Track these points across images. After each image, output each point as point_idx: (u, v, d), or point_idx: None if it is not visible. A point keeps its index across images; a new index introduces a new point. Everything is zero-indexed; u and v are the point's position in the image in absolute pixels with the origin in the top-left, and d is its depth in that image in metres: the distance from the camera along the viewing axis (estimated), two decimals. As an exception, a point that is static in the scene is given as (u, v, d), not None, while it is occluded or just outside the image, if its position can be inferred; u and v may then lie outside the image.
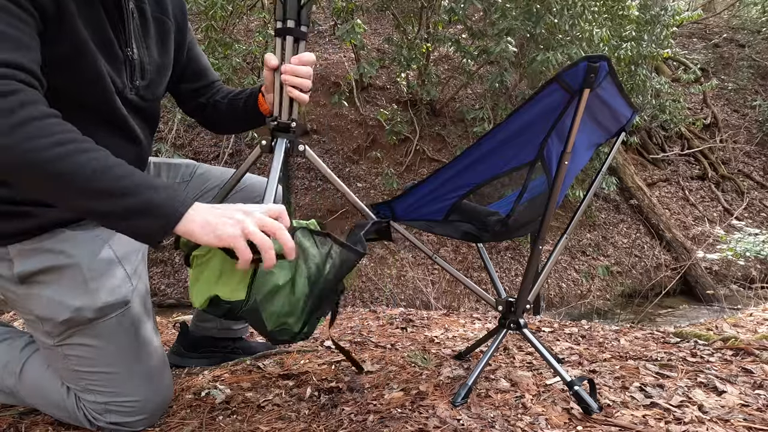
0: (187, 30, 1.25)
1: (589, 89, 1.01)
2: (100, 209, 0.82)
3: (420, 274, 6.19)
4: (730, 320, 2.04)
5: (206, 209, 0.85)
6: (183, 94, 1.34)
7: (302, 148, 1.14)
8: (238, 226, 0.83)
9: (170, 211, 0.83)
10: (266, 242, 0.83)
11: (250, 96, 1.26)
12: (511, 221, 1.23)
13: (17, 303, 1.05)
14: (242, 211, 0.85)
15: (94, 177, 0.80)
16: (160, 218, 0.83)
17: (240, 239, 0.82)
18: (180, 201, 0.84)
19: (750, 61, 10.96)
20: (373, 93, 8.55)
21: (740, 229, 6.49)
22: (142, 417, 1.10)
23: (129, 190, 0.81)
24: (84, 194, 0.81)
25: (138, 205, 0.82)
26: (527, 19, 5.67)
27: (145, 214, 0.82)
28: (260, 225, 0.84)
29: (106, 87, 1.00)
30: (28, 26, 0.85)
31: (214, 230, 0.83)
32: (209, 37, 5.55)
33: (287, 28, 1.09)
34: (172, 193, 0.85)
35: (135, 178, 0.83)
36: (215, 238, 0.83)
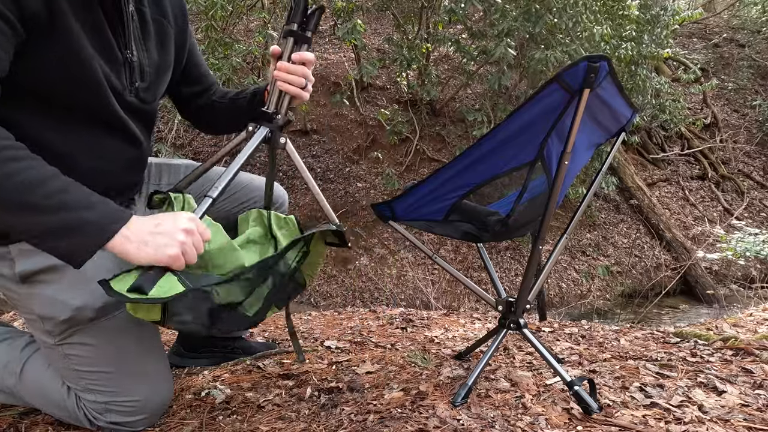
0: (188, 32, 1.25)
1: (589, 89, 1.02)
2: (27, 225, 0.81)
3: (420, 274, 6.19)
4: (730, 320, 2.04)
5: (143, 227, 0.86)
6: (183, 97, 1.35)
7: (283, 141, 1.15)
8: (179, 248, 0.86)
9: (102, 229, 0.82)
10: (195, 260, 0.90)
11: (254, 95, 1.27)
12: (511, 221, 1.23)
13: (18, 302, 1.05)
14: (184, 231, 0.87)
15: (23, 189, 0.78)
16: (91, 236, 0.82)
17: (179, 259, 0.86)
18: (114, 218, 0.84)
19: (750, 61, 10.96)
20: (373, 93, 8.55)
21: (740, 229, 6.49)
22: (142, 417, 1.10)
23: (62, 206, 0.80)
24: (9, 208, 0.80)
25: (69, 222, 0.80)
26: (527, 19, 5.67)
27: (75, 231, 0.81)
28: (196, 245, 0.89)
29: (104, 90, 1.00)
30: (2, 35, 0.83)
31: (154, 253, 0.84)
32: (209, 37, 5.55)
33: (291, 30, 1.11)
34: (106, 210, 0.84)
35: (69, 194, 0.82)
36: (154, 259, 0.84)
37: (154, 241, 0.85)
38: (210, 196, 1.01)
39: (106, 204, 0.86)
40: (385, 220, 1.32)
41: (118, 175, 1.13)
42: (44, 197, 0.80)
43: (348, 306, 5.61)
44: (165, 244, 0.85)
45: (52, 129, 0.98)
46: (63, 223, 0.81)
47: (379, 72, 7.61)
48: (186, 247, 0.86)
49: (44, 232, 0.82)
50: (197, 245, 0.89)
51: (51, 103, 0.96)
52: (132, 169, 1.18)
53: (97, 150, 1.05)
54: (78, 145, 1.02)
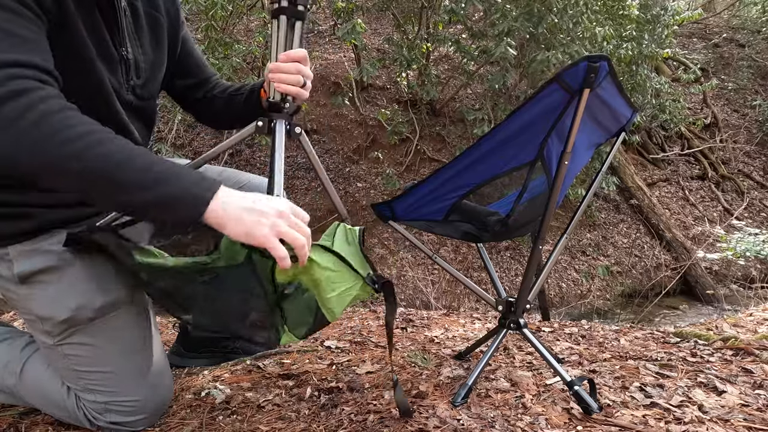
0: (180, 24, 1.23)
1: (589, 89, 1.02)
2: (126, 201, 0.82)
3: (420, 274, 6.19)
4: (730, 320, 2.04)
5: (238, 200, 0.84)
6: (178, 90, 1.32)
7: (299, 131, 1.12)
8: (273, 229, 0.83)
9: (196, 199, 0.82)
10: (300, 241, 0.84)
11: (251, 92, 1.25)
12: (511, 221, 1.23)
13: (18, 303, 1.05)
14: (276, 212, 0.85)
15: (118, 169, 0.79)
16: (187, 209, 0.82)
17: (273, 239, 0.82)
18: (206, 187, 0.83)
19: (750, 61, 10.96)
20: (373, 93, 8.54)
21: (740, 229, 6.49)
22: (142, 417, 1.10)
23: (154, 182, 0.80)
24: (108, 187, 0.80)
25: (163, 197, 0.81)
26: (527, 19, 5.67)
27: (172, 205, 0.81)
28: (293, 226, 0.85)
29: (104, 88, 1.00)
30: (37, 27, 0.85)
31: (247, 229, 0.82)
32: (209, 37, 5.54)
33: (281, 7, 1.04)
34: (197, 180, 0.83)
35: (159, 168, 0.82)
36: (247, 236, 0.82)
37: (250, 219, 0.83)
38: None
39: (196, 174, 0.85)
40: (385, 220, 1.32)
41: None
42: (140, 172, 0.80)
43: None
44: (259, 223, 0.83)
45: None
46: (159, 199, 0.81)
47: (379, 72, 7.62)
48: (280, 229, 0.83)
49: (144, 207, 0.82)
50: (299, 228, 0.86)
51: None
52: None
53: None
54: None
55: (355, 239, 1.13)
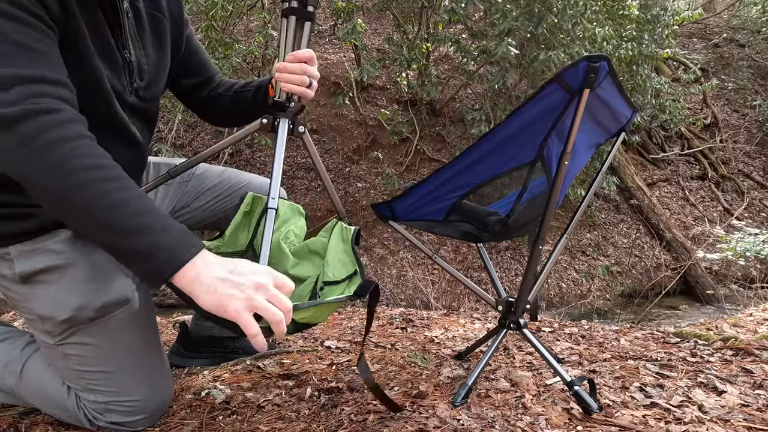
0: (184, 24, 1.23)
1: (589, 89, 1.02)
2: (105, 242, 0.82)
3: (420, 274, 6.19)
4: (730, 320, 2.04)
5: (215, 268, 0.81)
6: (183, 90, 1.32)
7: (302, 130, 1.12)
8: (247, 303, 0.78)
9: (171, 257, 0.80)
10: (276, 317, 0.79)
11: (259, 88, 1.25)
12: (511, 221, 1.23)
13: (18, 302, 1.05)
14: (254, 284, 0.79)
15: (109, 211, 0.79)
16: (160, 265, 0.80)
17: (245, 315, 0.78)
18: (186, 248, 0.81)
19: (750, 61, 10.96)
20: (373, 93, 8.55)
21: (740, 229, 6.49)
22: (142, 417, 1.10)
23: (136, 231, 0.80)
24: (97, 226, 0.81)
25: (144, 247, 0.80)
26: (528, 19, 5.67)
27: (148, 257, 0.81)
28: (271, 299, 0.80)
29: (106, 92, 1.00)
30: (51, 39, 0.85)
31: (219, 302, 0.78)
32: (209, 37, 5.54)
33: (291, 7, 1.05)
34: (180, 238, 0.82)
35: (146, 218, 0.81)
36: (218, 309, 0.79)
37: (223, 291, 0.79)
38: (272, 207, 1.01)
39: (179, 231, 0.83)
40: (385, 220, 1.32)
41: None
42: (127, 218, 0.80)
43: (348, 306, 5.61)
44: (231, 297, 0.78)
45: None
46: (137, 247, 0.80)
47: (379, 72, 7.62)
48: (254, 303, 0.78)
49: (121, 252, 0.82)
50: (277, 302, 0.80)
51: None
52: (132, 172, 1.17)
53: None
54: None
55: (349, 237, 1.17)
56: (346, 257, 1.17)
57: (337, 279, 1.16)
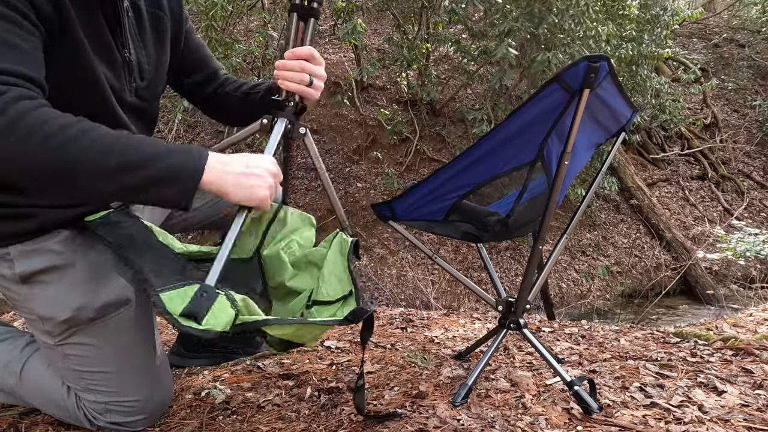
0: (183, 20, 1.21)
1: (589, 89, 1.02)
2: (123, 186, 0.82)
3: (420, 274, 6.19)
4: (730, 320, 2.04)
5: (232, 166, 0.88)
6: (187, 87, 1.31)
7: (303, 131, 1.11)
8: (270, 190, 0.91)
9: (191, 169, 0.84)
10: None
11: (268, 91, 1.22)
12: (511, 221, 1.23)
13: (18, 303, 1.05)
14: (270, 173, 0.92)
15: (104, 156, 0.80)
16: (185, 178, 0.84)
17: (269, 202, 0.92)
18: (196, 156, 0.85)
19: (750, 61, 10.96)
20: (373, 93, 8.55)
21: (740, 229, 6.49)
22: (142, 417, 1.10)
23: (142, 162, 0.82)
24: (99, 176, 0.81)
25: (159, 172, 0.82)
26: (528, 19, 5.67)
27: (170, 179, 0.83)
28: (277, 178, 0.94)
29: (104, 93, 0.99)
30: (33, 37, 0.84)
31: (248, 193, 0.89)
32: (209, 37, 5.54)
33: (294, 4, 1.06)
34: (186, 151, 0.86)
35: (144, 148, 0.83)
36: (248, 200, 0.89)
37: (248, 182, 0.89)
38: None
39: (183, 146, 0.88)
40: (385, 220, 1.32)
41: None
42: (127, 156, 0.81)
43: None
44: (258, 186, 0.90)
45: None
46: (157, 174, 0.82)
47: (379, 72, 7.62)
48: (273, 190, 0.92)
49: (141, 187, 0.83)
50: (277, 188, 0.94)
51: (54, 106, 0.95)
52: None
53: None
54: None
55: (346, 251, 1.14)
56: (343, 274, 1.13)
57: (331, 299, 1.12)
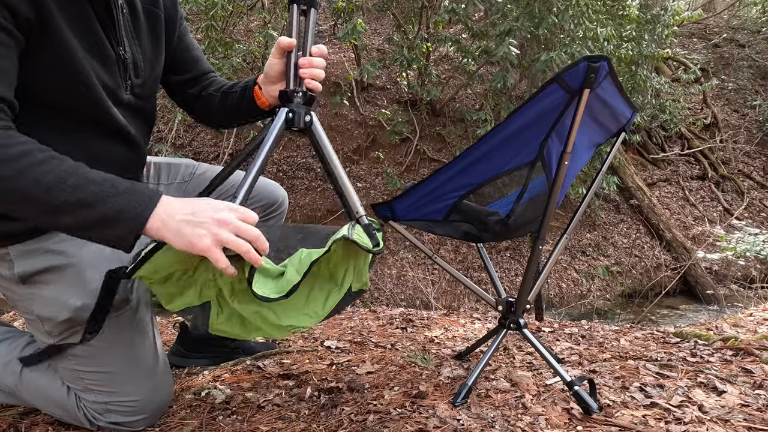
0: (177, 18, 1.21)
1: (589, 89, 1.01)
2: (64, 224, 0.82)
3: (420, 274, 6.19)
4: (730, 320, 2.04)
5: (177, 212, 0.84)
6: (172, 85, 1.29)
7: (308, 119, 1.07)
8: (214, 238, 0.83)
9: (134, 215, 0.82)
10: (244, 247, 0.84)
11: (244, 90, 1.22)
12: (511, 221, 1.23)
13: (18, 303, 1.05)
14: (216, 221, 0.84)
15: (48, 194, 0.79)
16: (127, 224, 0.82)
17: (215, 250, 0.83)
18: (144, 202, 0.83)
19: (750, 61, 10.96)
20: (373, 93, 8.55)
21: (740, 229, 6.49)
22: (142, 417, 1.10)
23: (88, 201, 0.80)
24: (41, 212, 0.80)
25: (101, 216, 0.81)
26: (528, 19, 5.67)
27: (110, 223, 0.82)
28: (237, 231, 0.85)
29: (98, 92, 0.98)
30: (5, 47, 0.82)
31: (188, 241, 0.83)
32: (209, 37, 5.54)
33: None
34: (134, 195, 0.83)
35: (92, 187, 0.81)
36: (189, 248, 0.83)
37: (188, 230, 0.83)
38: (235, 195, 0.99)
39: (134, 188, 0.85)
40: (385, 220, 1.32)
41: None
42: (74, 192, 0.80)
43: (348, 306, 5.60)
44: (199, 235, 0.83)
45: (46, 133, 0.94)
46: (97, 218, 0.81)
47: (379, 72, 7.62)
48: (221, 237, 0.83)
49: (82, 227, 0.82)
50: (243, 233, 0.85)
51: (44, 107, 0.94)
52: (130, 171, 1.17)
53: (94, 153, 1.02)
54: (74, 149, 1.00)
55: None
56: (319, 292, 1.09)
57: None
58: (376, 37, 9.43)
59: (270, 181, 1.43)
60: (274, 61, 1.11)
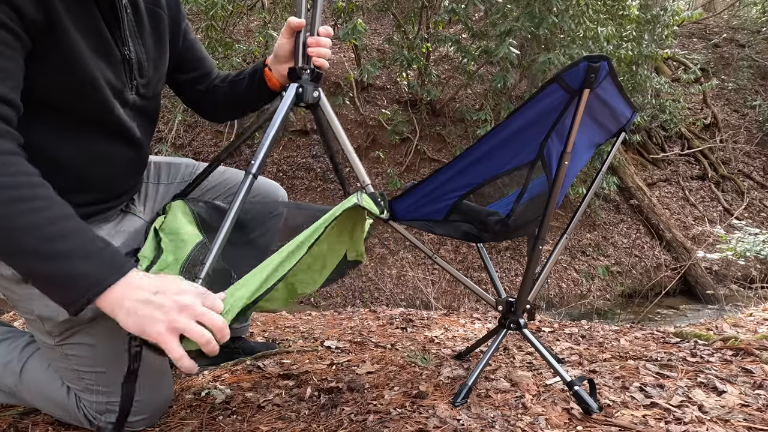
0: (181, 18, 1.22)
1: (589, 89, 1.01)
2: (18, 267, 0.79)
3: (420, 274, 6.20)
4: (730, 320, 2.04)
5: (137, 290, 0.78)
6: (180, 85, 1.31)
7: (316, 95, 1.08)
8: (169, 326, 0.75)
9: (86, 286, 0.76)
10: (204, 337, 0.77)
11: (253, 74, 1.24)
12: (511, 221, 1.23)
13: (18, 303, 1.05)
14: (177, 306, 0.77)
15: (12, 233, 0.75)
16: (78, 292, 0.76)
17: (168, 337, 0.75)
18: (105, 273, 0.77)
19: (750, 61, 10.97)
20: (373, 93, 8.55)
21: (740, 229, 6.49)
22: (142, 417, 1.10)
23: (47, 256, 0.75)
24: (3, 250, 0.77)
25: (49, 275, 0.76)
26: (528, 20, 5.67)
27: (61, 285, 0.77)
28: (198, 317, 0.77)
29: (103, 93, 0.98)
30: (11, 50, 0.81)
31: (140, 325, 0.76)
32: (209, 37, 5.55)
33: None
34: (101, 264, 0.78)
35: (61, 243, 0.76)
36: (140, 332, 0.76)
37: (143, 312, 0.76)
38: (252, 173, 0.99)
39: (102, 255, 0.79)
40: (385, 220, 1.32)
41: (118, 179, 1.13)
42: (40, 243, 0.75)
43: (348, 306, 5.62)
44: (153, 319, 0.75)
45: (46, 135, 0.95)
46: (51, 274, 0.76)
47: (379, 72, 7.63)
48: (177, 325, 0.75)
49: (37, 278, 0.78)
50: (206, 319, 0.77)
51: (49, 108, 0.94)
52: (133, 171, 1.18)
53: (96, 155, 1.03)
54: (77, 150, 1.00)
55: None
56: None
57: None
58: (376, 37, 9.43)
59: (270, 181, 1.43)
60: (283, 41, 1.15)
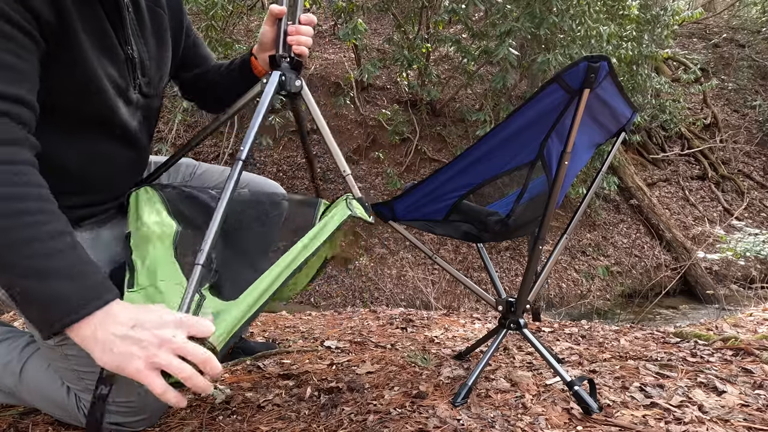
0: (182, 16, 1.22)
1: (589, 89, 1.02)
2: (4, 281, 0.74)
3: (420, 274, 6.20)
4: (730, 320, 2.04)
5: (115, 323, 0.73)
6: (184, 82, 1.32)
7: (299, 84, 1.08)
8: (147, 361, 0.71)
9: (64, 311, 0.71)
10: (185, 372, 0.71)
11: (242, 63, 1.25)
12: (511, 221, 1.23)
13: (18, 303, 1.05)
14: (158, 340, 0.71)
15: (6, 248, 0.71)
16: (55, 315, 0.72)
17: (145, 373, 0.71)
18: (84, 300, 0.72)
19: (750, 61, 10.97)
20: (374, 93, 8.55)
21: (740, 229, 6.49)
22: (142, 417, 1.10)
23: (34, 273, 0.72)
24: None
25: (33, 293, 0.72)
26: (528, 20, 5.67)
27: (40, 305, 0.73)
28: (179, 351, 0.72)
29: (107, 93, 0.98)
30: (28, 51, 0.81)
31: (116, 362, 0.71)
32: (209, 37, 5.55)
33: None
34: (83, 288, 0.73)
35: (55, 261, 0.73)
36: (117, 369, 0.72)
37: (119, 349, 0.71)
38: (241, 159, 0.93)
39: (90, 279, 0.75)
40: (385, 220, 1.32)
41: (119, 180, 1.13)
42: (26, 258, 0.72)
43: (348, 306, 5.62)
44: (130, 355, 0.71)
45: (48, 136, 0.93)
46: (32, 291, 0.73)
47: (379, 72, 7.63)
48: (156, 360, 0.71)
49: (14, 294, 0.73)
50: (188, 352, 0.72)
51: (52, 110, 0.93)
52: (133, 172, 1.18)
53: (99, 156, 1.04)
54: (78, 151, 1.00)
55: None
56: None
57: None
58: (376, 37, 9.43)
59: (269, 181, 1.43)
60: (266, 29, 1.15)
